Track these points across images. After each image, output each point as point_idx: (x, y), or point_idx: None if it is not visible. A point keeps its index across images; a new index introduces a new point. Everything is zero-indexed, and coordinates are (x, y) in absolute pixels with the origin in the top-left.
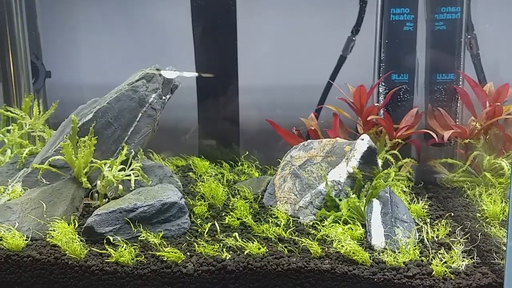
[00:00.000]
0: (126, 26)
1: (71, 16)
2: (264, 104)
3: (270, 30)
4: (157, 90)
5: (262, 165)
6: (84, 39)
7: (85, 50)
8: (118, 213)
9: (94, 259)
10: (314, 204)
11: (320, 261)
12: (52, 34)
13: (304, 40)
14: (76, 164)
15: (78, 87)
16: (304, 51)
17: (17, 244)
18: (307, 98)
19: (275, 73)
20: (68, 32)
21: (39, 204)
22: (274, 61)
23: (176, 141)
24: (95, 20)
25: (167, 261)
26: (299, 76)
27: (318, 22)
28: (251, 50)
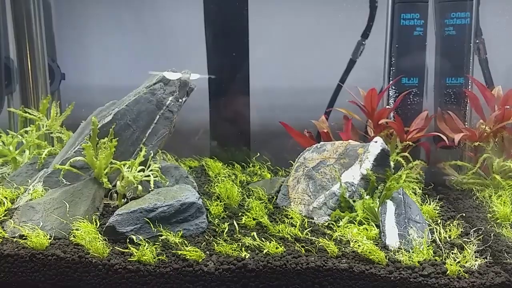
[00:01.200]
0: (138, 28)
1: (83, 18)
2: (274, 106)
3: (281, 32)
4: (174, 93)
5: (273, 167)
6: (96, 41)
7: (97, 52)
8: (138, 212)
9: (117, 258)
10: (328, 205)
11: (338, 260)
12: (65, 36)
13: (314, 43)
14: (97, 165)
15: (91, 89)
16: (314, 54)
17: (41, 243)
18: (316, 101)
19: (285, 75)
20: (81, 34)
21: (62, 204)
22: (285, 64)
23: (188, 143)
24: (107, 22)
25: (189, 260)
26: (309, 79)
27: (329, 25)
28: (262, 52)
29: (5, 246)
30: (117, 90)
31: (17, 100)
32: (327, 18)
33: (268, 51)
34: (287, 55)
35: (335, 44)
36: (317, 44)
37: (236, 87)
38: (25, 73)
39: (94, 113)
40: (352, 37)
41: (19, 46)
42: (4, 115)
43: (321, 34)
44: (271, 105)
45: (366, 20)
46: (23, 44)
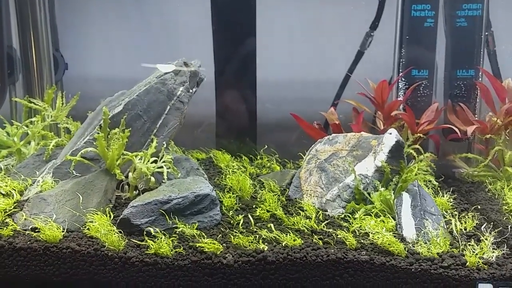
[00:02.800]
0: (142, 19)
1: (85, 8)
2: (281, 98)
3: (289, 24)
4: (184, 83)
5: (281, 159)
6: (98, 31)
7: (99, 42)
8: (153, 204)
9: (133, 251)
10: (342, 197)
11: (357, 252)
12: (67, 26)
13: (322, 35)
14: (109, 156)
15: (92, 79)
16: (321, 46)
17: (55, 235)
18: (323, 93)
19: (292, 67)
20: (82, 23)
21: (74, 195)
22: (292, 56)
23: (194, 135)
24: (109, 13)
25: (207, 252)
26: (316, 71)
27: (337, 17)
28: (269, 44)
29: (17, 239)
30: (120, 81)
31: (20, 90)
32: (335, 10)
33: (275, 43)
34: (294, 47)
35: (343, 36)
36: (325, 36)
37: (242, 79)
38: (29, 62)
39: (104, 103)
40: (360, 28)
41: (24, 35)
42: (6, 106)
43: (328, 26)
44: (278, 98)
45: (375, 11)
46: (28, 33)
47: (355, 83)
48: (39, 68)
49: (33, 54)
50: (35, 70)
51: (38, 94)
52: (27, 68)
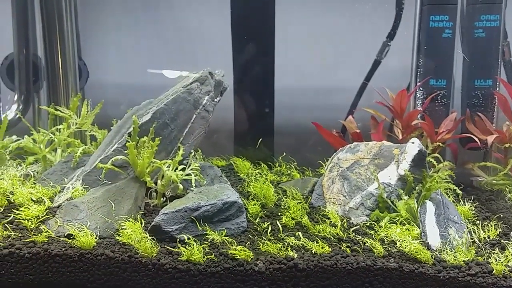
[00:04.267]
0: (161, 28)
1: (104, 17)
2: (298, 106)
3: (307, 32)
4: (209, 93)
5: (299, 167)
6: (116, 40)
7: (117, 51)
8: (183, 211)
9: (166, 257)
10: (366, 206)
11: (385, 260)
12: (86, 34)
13: (339, 43)
14: (139, 164)
15: (113, 87)
16: (339, 54)
17: (89, 242)
18: (340, 101)
19: (310, 75)
20: (100, 32)
21: (105, 202)
22: (310, 63)
23: (211, 142)
24: (125, 20)
25: (238, 259)
26: (333, 79)
27: (354, 26)
28: (288, 52)
29: (52, 246)
30: (137, 88)
31: (44, 97)
32: (353, 19)
33: (294, 50)
34: (311, 54)
35: (360, 45)
36: (342, 44)
37: (261, 87)
38: (55, 70)
39: (131, 112)
40: (377, 38)
41: (50, 44)
42: (29, 113)
43: (346, 35)
44: (296, 105)
45: (391, 21)
46: (54, 42)
47: (370, 92)
48: (65, 76)
49: (59, 62)
50: (61, 78)
51: (63, 102)
52: (53, 76)
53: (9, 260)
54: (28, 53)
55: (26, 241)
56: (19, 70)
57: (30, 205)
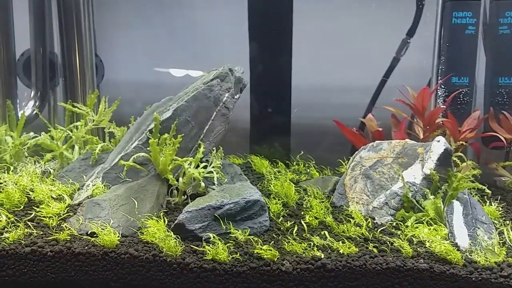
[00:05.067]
0: (177, 26)
1: (116, 15)
2: (315, 104)
3: (325, 30)
4: (230, 90)
5: (318, 165)
6: (130, 37)
7: (132, 48)
8: (206, 210)
9: (191, 256)
10: (390, 205)
11: (415, 260)
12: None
13: (357, 41)
14: (162, 161)
15: (125, 84)
16: (357, 52)
17: (112, 240)
18: (357, 99)
19: (327, 73)
20: (114, 30)
21: (127, 200)
22: (327, 61)
23: (228, 140)
24: (142, 19)
25: (265, 259)
26: (350, 77)
27: (373, 24)
28: (305, 49)
29: (75, 244)
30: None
31: (60, 94)
32: (371, 16)
33: (311, 47)
34: (328, 52)
35: (378, 43)
36: (360, 42)
37: (278, 85)
38: (72, 67)
39: (151, 109)
40: (395, 35)
41: (68, 40)
42: (45, 110)
43: (364, 32)
44: (312, 103)
45: (410, 18)
46: (72, 39)
47: (388, 90)
48: (82, 73)
49: (76, 59)
50: (78, 74)
51: (80, 98)
52: (70, 72)
53: (31, 259)
54: (44, 50)
55: (48, 239)
56: (36, 66)
57: (50, 202)
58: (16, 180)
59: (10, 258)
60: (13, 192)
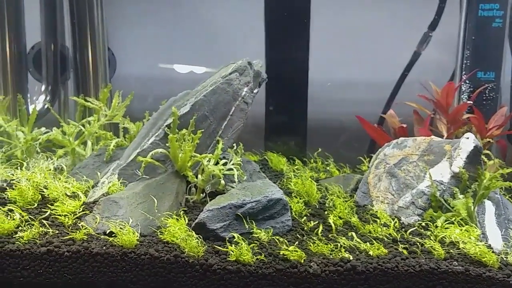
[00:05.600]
0: (191, 21)
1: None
2: (332, 100)
3: (343, 23)
4: (249, 84)
5: (336, 163)
6: (141, 32)
7: (142, 42)
8: (228, 208)
9: (214, 257)
10: (417, 205)
11: (448, 262)
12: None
13: (376, 35)
14: (181, 158)
15: (135, 79)
16: (375, 46)
17: (131, 240)
18: (376, 94)
19: (345, 68)
20: (124, 24)
21: (145, 198)
22: (345, 56)
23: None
24: (153, 13)
25: (291, 261)
26: (369, 72)
27: (391, 17)
28: (322, 43)
29: (93, 244)
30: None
31: (71, 88)
32: (390, 9)
33: (329, 42)
34: (347, 47)
35: (397, 37)
36: (379, 36)
37: (294, 80)
38: (84, 61)
39: (167, 104)
40: (415, 28)
41: (80, 33)
42: (55, 104)
43: (383, 26)
44: (330, 98)
45: (431, 11)
46: (84, 31)
47: (408, 85)
48: (95, 67)
49: (89, 52)
50: (90, 68)
51: (92, 93)
52: (82, 66)
53: (47, 259)
54: (56, 43)
55: (64, 238)
56: (47, 60)
57: (65, 200)
58: (29, 176)
59: (25, 258)
60: (27, 189)
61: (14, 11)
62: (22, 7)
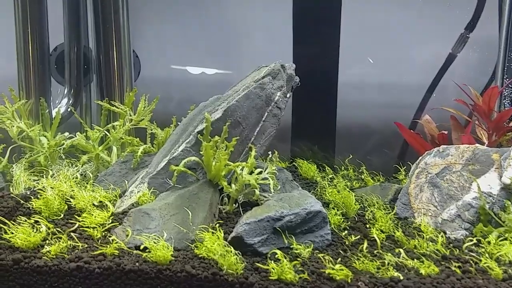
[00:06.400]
0: (215, 22)
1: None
2: (363, 103)
3: (374, 24)
4: (282, 88)
5: (368, 171)
6: (161, 33)
7: (163, 44)
8: (265, 221)
9: (254, 275)
10: (464, 218)
11: (508, 284)
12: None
13: (408, 37)
14: (215, 167)
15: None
16: (407, 48)
17: (165, 256)
18: (408, 98)
19: (376, 70)
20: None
21: (178, 209)
22: (376, 58)
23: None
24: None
25: (337, 280)
26: (400, 74)
27: (426, 17)
28: (353, 44)
29: (125, 260)
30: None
31: (94, 91)
32: (424, 9)
33: (360, 42)
34: (378, 48)
35: (431, 37)
36: (412, 38)
37: (323, 82)
38: (109, 63)
39: (197, 109)
40: (450, 30)
41: (105, 35)
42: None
43: (416, 28)
44: (360, 102)
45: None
46: (110, 33)
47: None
48: (120, 69)
49: (114, 55)
50: (115, 71)
51: (117, 96)
52: (107, 69)
53: (76, 276)
54: (79, 45)
55: (94, 253)
56: (70, 62)
57: (93, 210)
58: (55, 185)
59: (53, 275)
60: (52, 199)
61: (37, 12)
62: (45, 8)
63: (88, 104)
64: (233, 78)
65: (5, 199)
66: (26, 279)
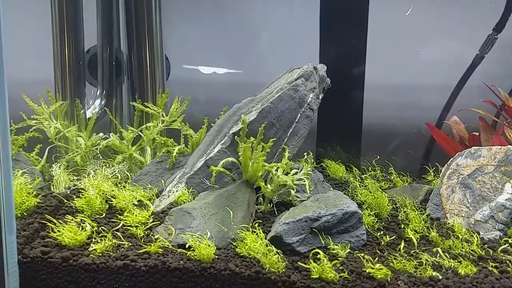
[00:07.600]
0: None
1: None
2: (387, 104)
3: (402, 24)
4: (314, 90)
5: (397, 172)
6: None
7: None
8: (303, 221)
9: (295, 274)
10: (497, 219)
11: None
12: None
13: (435, 37)
14: (253, 168)
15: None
16: (433, 49)
17: (209, 254)
18: (433, 99)
19: (403, 71)
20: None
21: (218, 209)
22: (404, 58)
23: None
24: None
25: (377, 279)
26: (426, 75)
27: (455, 17)
28: (381, 44)
29: (169, 258)
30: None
31: (125, 93)
32: (453, 9)
33: (387, 42)
34: (406, 49)
35: (459, 38)
36: (439, 38)
37: (349, 82)
38: (142, 65)
39: (231, 111)
40: (477, 30)
41: (138, 37)
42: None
43: (443, 28)
44: (386, 102)
45: (496, 12)
46: (142, 35)
47: (467, 90)
48: (152, 71)
49: (146, 57)
50: (148, 73)
51: (149, 98)
52: (140, 71)
53: (123, 273)
54: (111, 47)
55: (139, 252)
56: (103, 64)
57: (134, 209)
58: (96, 185)
59: (101, 272)
60: (94, 198)
61: (72, 15)
62: (81, 11)
63: (120, 105)
64: (259, 79)
65: (48, 198)
66: (74, 276)
